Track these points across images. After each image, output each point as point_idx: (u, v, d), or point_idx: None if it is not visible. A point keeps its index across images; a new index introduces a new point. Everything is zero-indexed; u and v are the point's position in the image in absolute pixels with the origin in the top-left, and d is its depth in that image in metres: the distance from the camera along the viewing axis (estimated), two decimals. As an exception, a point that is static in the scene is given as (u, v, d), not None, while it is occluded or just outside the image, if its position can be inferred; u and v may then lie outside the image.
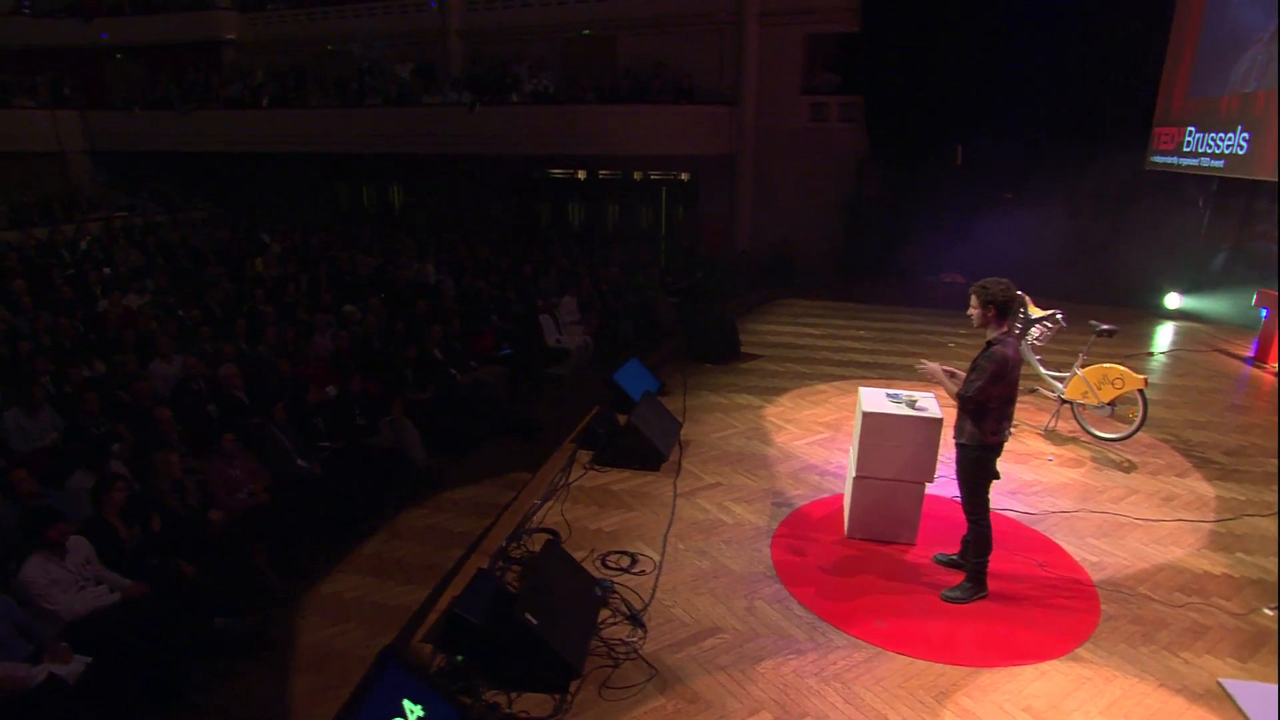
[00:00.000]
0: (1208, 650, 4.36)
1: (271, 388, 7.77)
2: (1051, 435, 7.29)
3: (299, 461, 6.74)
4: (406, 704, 3.67)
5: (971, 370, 4.61)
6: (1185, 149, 10.12)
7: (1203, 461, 6.79)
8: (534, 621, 4.03)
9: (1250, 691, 3.94)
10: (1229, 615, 4.67)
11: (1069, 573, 5.10)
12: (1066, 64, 11.90)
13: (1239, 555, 5.34)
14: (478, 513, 6.03)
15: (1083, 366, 7.13)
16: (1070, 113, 12.07)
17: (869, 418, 5.23)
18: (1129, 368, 6.88)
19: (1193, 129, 9.97)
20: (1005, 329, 4.56)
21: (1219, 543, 5.50)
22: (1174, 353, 10.12)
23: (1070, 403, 7.27)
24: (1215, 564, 5.23)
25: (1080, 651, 4.35)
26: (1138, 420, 6.81)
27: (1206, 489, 6.30)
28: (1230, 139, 9.06)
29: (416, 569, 5.34)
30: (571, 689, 4.07)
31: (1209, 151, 9.54)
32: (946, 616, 4.66)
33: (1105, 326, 7.12)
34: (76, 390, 7.33)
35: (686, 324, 10.48)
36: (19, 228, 15.15)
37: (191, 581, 5.03)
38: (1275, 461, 6.73)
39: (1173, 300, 11.61)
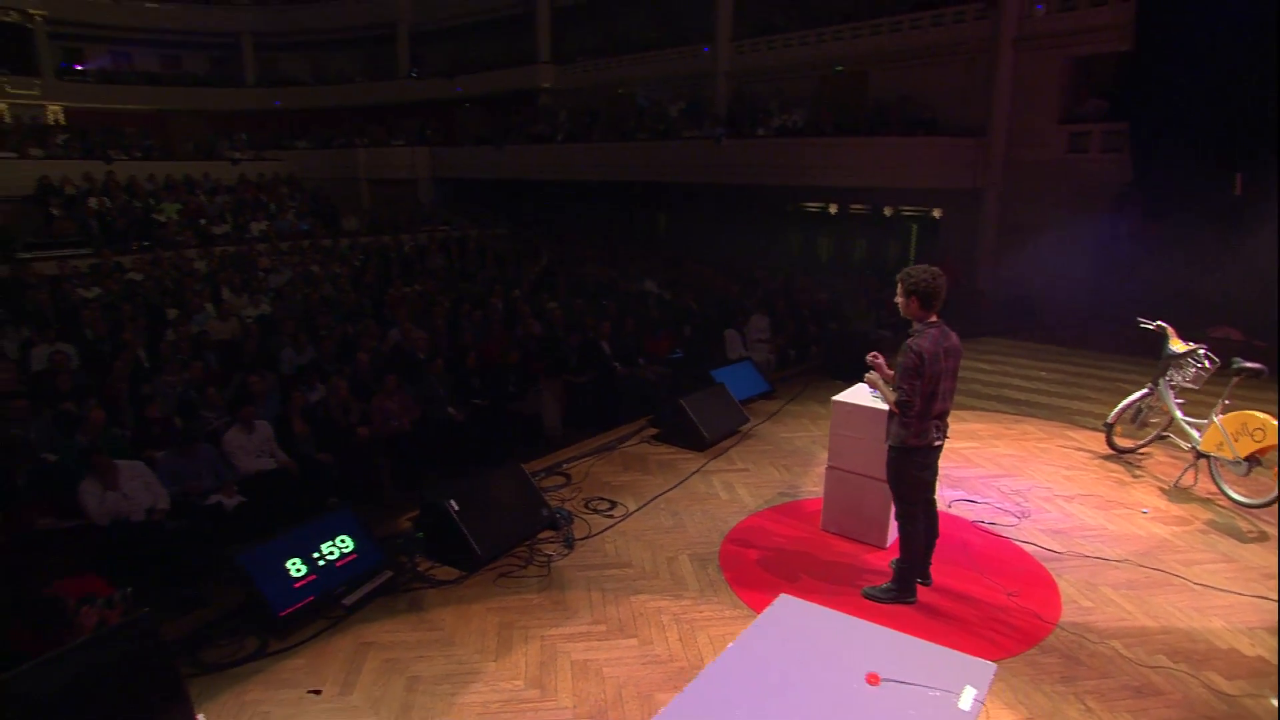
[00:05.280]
0: (1132, 710, 3.66)
1: (454, 353, 9.61)
2: (1179, 494, 6.08)
3: (449, 409, 8.33)
4: (344, 537, 4.80)
5: (895, 372, 4.39)
6: None
7: (1380, 553, 5.21)
8: (455, 508, 4.91)
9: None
10: (1209, 690, 3.81)
11: (1037, 607, 4.49)
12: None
13: (1305, 646, 4.19)
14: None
15: (1222, 413, 5.90)
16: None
17: (838, 406, 5.19)
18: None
19: None
20: (930, 319, 4.27)
21: (1291, 629, 4.35)
22: None
23: (1207, 456, 6.02)
24: (1256, 645, 4.19)
25: (971, 670, 3.94)
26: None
27: (1346, 578, 4.89)
28: None
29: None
30: (479, 572, 4.85)
31: None
32: (850, 609, 4.47)
33: (1250, 365, 5.82)
34: (318, 336, 9.88)
35: (826, 341, 10.39)
36: (373, 235, 19.92)
37: (324, 469, 6.76)
38: None
39: None
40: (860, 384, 5.50)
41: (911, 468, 4.35)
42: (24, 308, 10.93)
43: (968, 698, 2.17)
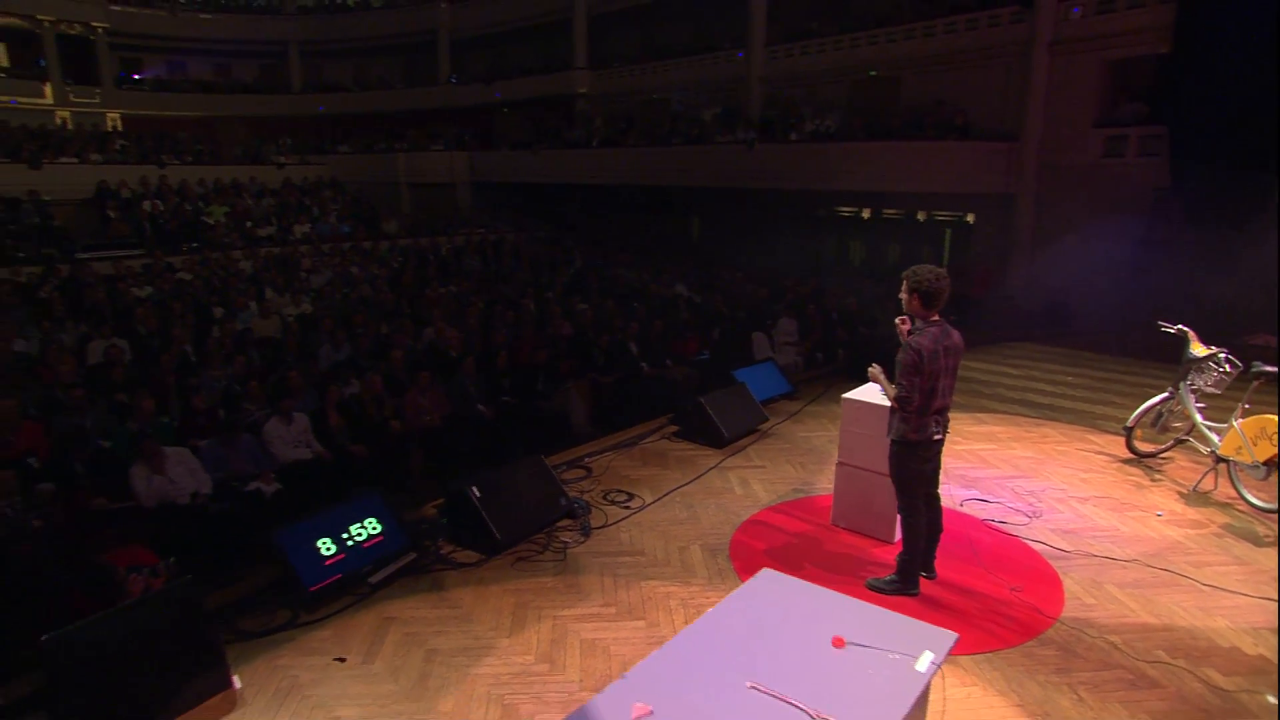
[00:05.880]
0: (1125, 701, 3.74)
1: (485, 352, 9.90)
2: (1197, 498, 6.08)
3: (479, 406, 8.61)
4: (372, 520, 5.08)
5: (895, 369, 4.51)
6: None
7: (1401, 560, 5.16)
8: (477, 494, 5.15)
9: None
10: (1205, 685, 3.86)
11: (1039, 602, 4.57)
12: None
13: (1309, 647, 4.21)
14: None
15: (1242, 418, 5.88)
16: None
17: (848, 404, 5.32)
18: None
19: None
20: (932, 318, 4.37)
21: (1296, 630, 4.36)
22: None
23: (1226, 460, 6.01)
24: (1258, 645, 4.21)
25: (957, 659, 4.05)
26: (1297, 489, 5.44)
27: (1362, 583, 4.86)
28: None
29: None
30: (499, 556, 5.08)
31: None
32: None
33: (1270, 369, 5.79)
34: (355, 334, 10.26)
35: (853, 344, 10.46)
36: (411, 237, 20.44)
37: (357, 459, 7.08)
38: None
39: None
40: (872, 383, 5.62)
41: (912, 461, 4.47)
42: (82, 305, 11.55)
43: (925, 660, 2.31)
